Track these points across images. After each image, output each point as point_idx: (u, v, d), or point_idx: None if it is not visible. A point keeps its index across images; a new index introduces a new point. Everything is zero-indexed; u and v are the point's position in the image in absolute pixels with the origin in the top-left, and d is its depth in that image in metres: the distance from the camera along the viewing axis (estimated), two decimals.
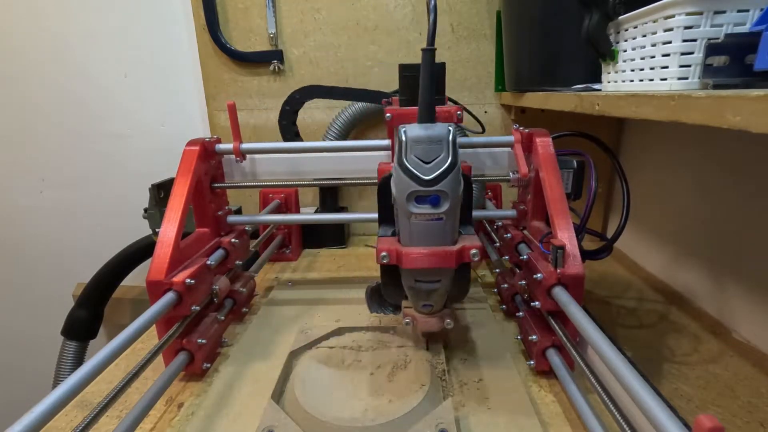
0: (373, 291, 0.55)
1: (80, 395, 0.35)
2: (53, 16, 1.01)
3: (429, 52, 0.42)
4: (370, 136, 0.98)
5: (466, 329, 0.60)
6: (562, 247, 0.46)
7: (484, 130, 0.88)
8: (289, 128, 0.90)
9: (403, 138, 0.41)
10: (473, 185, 0.80)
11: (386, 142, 0.62)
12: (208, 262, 0.55)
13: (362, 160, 0.65)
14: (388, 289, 0.50)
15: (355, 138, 0.98)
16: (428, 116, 0.43)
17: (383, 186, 0.46)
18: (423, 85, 0.43)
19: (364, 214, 0.69)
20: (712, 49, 0.35)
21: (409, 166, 0.41)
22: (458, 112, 0.50)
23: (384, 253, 0.43)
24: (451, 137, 0.41)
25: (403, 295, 0.50)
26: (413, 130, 0.41)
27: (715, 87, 0.35)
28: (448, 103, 0.59)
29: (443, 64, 0.52)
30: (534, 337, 0.49)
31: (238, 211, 0.78)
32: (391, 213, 0.46)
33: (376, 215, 0.65)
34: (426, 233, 0.42)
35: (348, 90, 0.89)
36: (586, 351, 0.44)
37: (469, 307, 0.66)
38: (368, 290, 0.55)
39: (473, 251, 0.43)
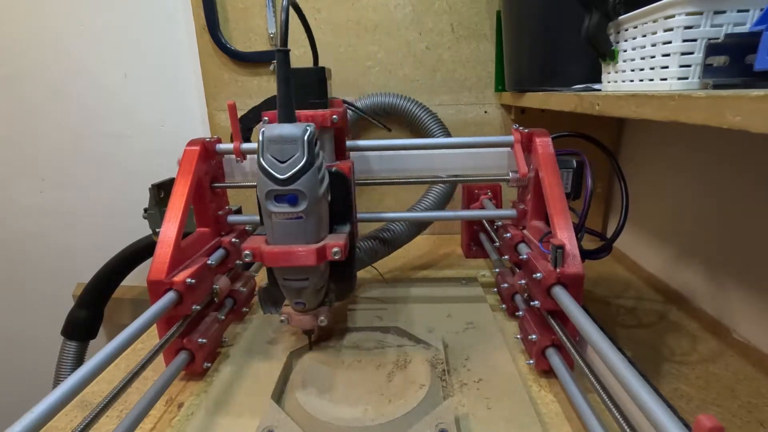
0: (265, 291, 0.56)
1: (80, 395, 0.35)
2: (53, 16, 1.01)
3: (281, 53, 0.43)
4: (370, 137, 0.98)
5: (465, 329, 0.60)
6: (562, 247, 0.46)
7: (389, 130, 0.88)
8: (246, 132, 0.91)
9: (261, 137, 0.42)
10: (444, 184, 0.80)
11: (378, 142, 0.63)
12: (209, 262, 0.55)
13: (361, 160, 0.65)
14: (273, 288, 0.51)
15: (355, 138, 0.98)
16: (286, 116, 0.44)
17: None
18: (278, 85, 0.43)
19: (364, 214, 0.69)
20: (712, 49, 0.35)
21: (265, 165, 0.42)
22: (333, 116, 0.50)
23: (246, 252, 0.44)
24: (306, 137, 0.41)
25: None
26: (270, 130, 0.42)
27: (715, 87, 0.35)
28: (344, 105, 0.59)
29: (322, 69, 0.53)
30: (534, 336, 0.49)
31: (238, 211, 0.77)
32: None
33: (375, 215, 0.66)
34: (286, 232, 0.43)
35: (258, 107, 0.92)
36: (585, 350, 0.44)
37: (469, 307, 0.66)
38: (260, 291, 0.56)
39: (334, 249, 0.44)
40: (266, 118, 0.51)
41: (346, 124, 0.56)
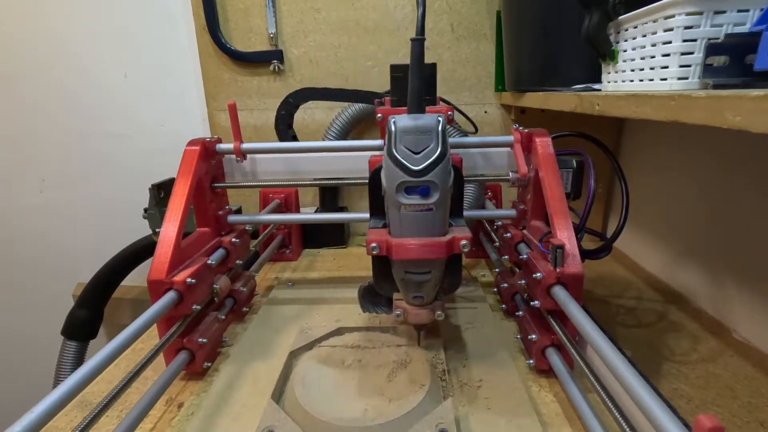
0: (366, 290, 0.56)
1: (80, 395, 0.35)
2: (53, 16, 1.01)
3: (418, 41, 0.42)
4: (370, 137, 0.98)
5: (465, 329, 0.60)
6: (562, 247, 0.46)
7: (476, 131, 0.88)
8: (285, 133, 0.90)
9: (393, 128, 0.41)
10: (471, 184, 0.81)
11: (379, 142, 0.62)
12: (209, 262, 0.55)
13: (362, 159, 0.65)
14: (379, 282, 0.50)
15: (355, 138, 0.98)
16: (417, 106, 0.43)
17: (374, 178, 0.46)
18: (411, 75, 0.42)
19: (364, 213, 0.69)
20: (712, 49, 0.35)
21: (398, 156, 0.41)
22: (449, 113, 0.50)
23: (374, 244, 0.43)
24: (440, 128, 0.41)
25: (394, 288, 0.50)
26: (402, 121, 0.41)
27: (715, 87, 0.35)
28: (441, 103, 0.59)
29: (434, 65, 0.52)
30: (533, 336, 0.49)
31: (238, 211, 0.78)
32: (382, 205, 0.46)
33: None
34: (416, 224, 0.42)
35: (340, 91, 0.89)
36: (585, 350, 0.44)
37: (468, 307, 0.66)
38: (361, 289, 0.55)
39: (463, 242, 0.43)
40: (380, 115, 0.51)
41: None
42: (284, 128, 0.90)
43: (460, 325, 0.61)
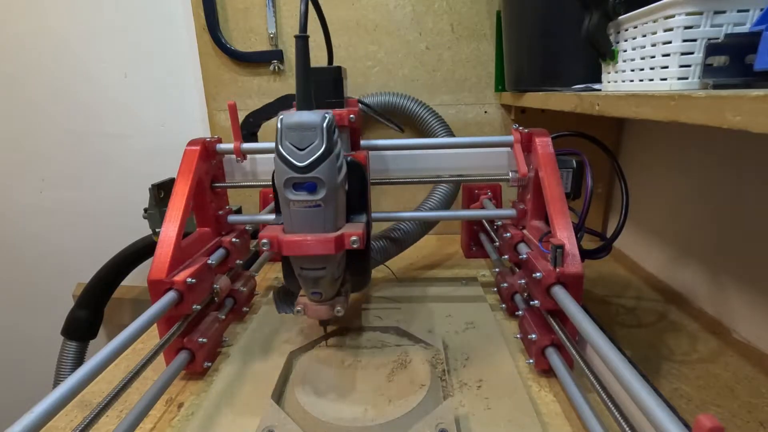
0: (280, 291, 0.56)
1: (80, 395, 0.35)
2: (53, 16, 1.01)
3: (301, 39, 0.42)
4: (369, 136, 0.98)
5: (465, 329, 0.60)
6: (561, 247, 0.46)
7: (402, 131, 0.87)
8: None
9: (279, 125, 0.42)
10: (445, 183, 0.80)
11: (379, 142, 0.63)
12: (209, 262, 0.55)
13: None
14: (287, 279, 0.50)
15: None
16: (305, 104, 0.43)
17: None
18: (297, 72, 0.43)
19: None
20: (712, 49, 0.35)
21: (283, 152, 0.41)
22: (351, 116, 0.50)
23: (265, 240, 0.43)
24: (325, 124, 0.41)
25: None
26: (288, 117, 0.42)
27: (715, 87, 0.35)
28: (360, 105, 0.59)
29: (339, 68, 0.53)
30: (533, 335, 0.49)
31: (239, 211, 0.78)
32: None
33: (376, 214, 0.66)
34: (305, 220, 0.43)
35: (269, 105, 0.92)
36: (585, 350, 0.44)
37: (468, 306, 0.66)
38: (275, 291, 0.56)
39: (353, 238, 0.43)
40: (281, 116, 0.51)
41: (361, 124, 0.55)
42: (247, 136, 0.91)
43: (460, 326, 0.61)
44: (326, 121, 0.41)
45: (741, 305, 0.59)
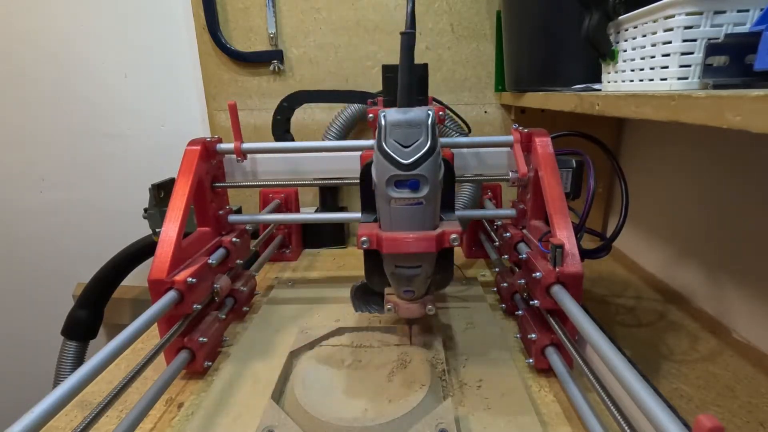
0: (358, 289, 0.56)
1: (80, 395, 0.35)
2: (53, 16, 1.01)
3: (407, 35, 0.42)
4: (370, 136, 0.98)
5: (465, 329, 0.60)
6: (561, 246, 0.46)
7: (470, 131, 0.88)
8: (283, 137, 0.91)
9: (383, 122, 0.41)
10: (470, 183, 0.81)
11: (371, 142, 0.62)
12: (210, 261, 0.55)
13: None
14: (370, 277, 0.50)
15: (355, 138, 0.98)
16: (407, 100, 0.43)
17: (365, 173, 0.46)
18: (401, 69, 0.42)
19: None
20: (712, 49, 0.35)
21: (388, 149, 0.41)
22: (440, 112, 0.50)
23: (364, 238, 0.43)
24: (430, 121, 0.41)
25: (385, 283, 0.50)
26: (392, 115, 0.41)
27: (715, 87, 0.35)
28: (433, 103, 0.59)
29: (426, 66, 0.52)
30: (533, 335, 0.49)
31: (239, 211, 0.78)
32: (374, 200, 0.46)
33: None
34: (406, 218, 0.42)
35: (334, 92, 0.89)
36: (584, 349, 0.44)
37: (468, 307, 0.66)
38: (353, 289, 0.55)
39: (453, 236, 0.43)
40: (371, 115, 0.51)
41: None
42: (281, 132, 0.90)
43: (460, 325, 0.61)
44: (430, 118, 0.41)
45: (741, 305, 0.59)
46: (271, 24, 0.93)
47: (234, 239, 0.63)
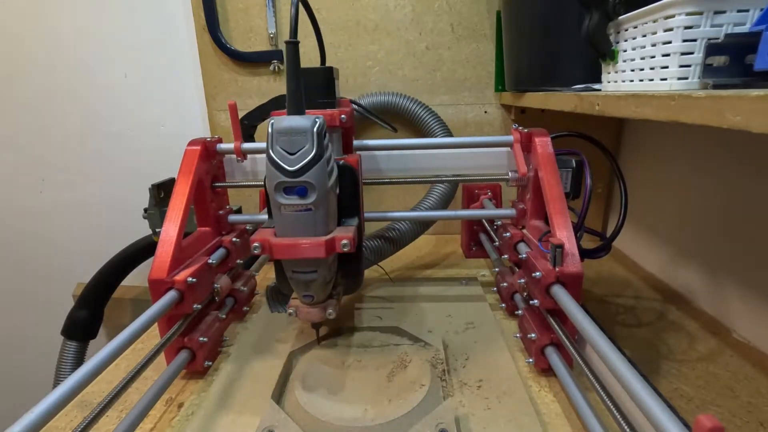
0: (272, 290, 0.56)
1: (80, 395, 0.35)
2: (53, 16, 1.01)
3: (291, 45, 0.42)
4: (371, 136, 0.98)
5: (465, 328, 0.60)
6: (561, 246, 0.46)
7: (395, 130, 0.86)
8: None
9: (270, 129, 0.42)
10: (443, 183, 0.80)
11: (380, 142, 0.64)
12: (210, 261, 0.55)
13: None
14: (280, 281, 0.51)
15: (355, 138, 0.98)
16: (295, 108, 0.43)
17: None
18: (288, 77, 0.43)
19: (364, 213, 0.69)
20: (712, 49, 0.35)
21: (274, 157, 0.41)
22: (342, 116, 0.51)
23: (255, 244, 0.44)
24: (316, 128, 0.41)
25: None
26: (279, 122, 0.42)
27: (715, 87, 0.35)
28: (353, 106, 0.59)
29: (330, 69, 0.53)
30: (533, 335, 0.49)
31: (239, 211, 0.78)
32: None
33: (375, 214, 0.66)
34: (295, 224, 0.43)
35: (267, 103, 0.89)
36: (584, 349, 0.44)
37: (468, 306, 0.66)
38: (268, 289, 0.56)
39: (344, 241, 0.43)
40: (274, 116, 0.51)
41: (354, 124, 0.55)
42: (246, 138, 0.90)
43: (460, 325, 0.61)
44: (317, 125, 0.42)
45: (740, 305, 0.59)
46: (271, 24, 0.93)
47: (234, 239, 0.63)
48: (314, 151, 0.41)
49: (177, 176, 0.56)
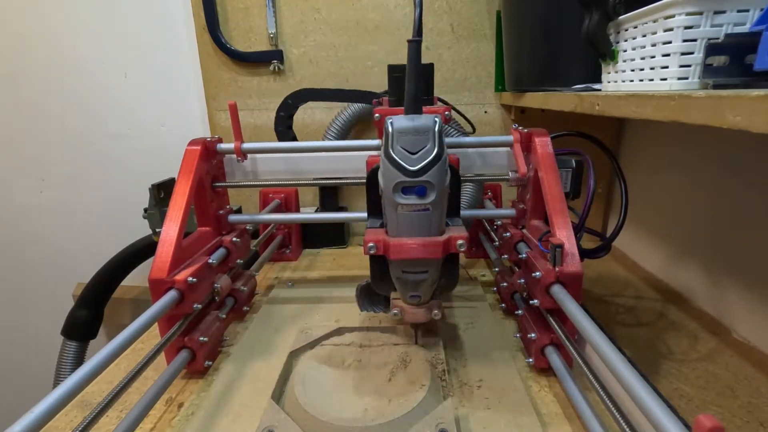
0: (363, 289, 0.56)
1: (80, 395, 0.35)
2: (53, 16, 1.01)
3: (415, 43, 0.42)
4: (369, 136, 0.98)
5: (465, 328, 0.60)
6: (561, 246, 0.46)
7: (474, 131, 0.88)
8: (285, 134, 0.90)
9: (390, 129, 0.41)
10: (470, 183, 0.81)
11: (376, 142, 0.63)
12: (210, 261, 0.55)
13: (362, 159, 0.65)
14: (377, 281, 0.50)
15: (355, 137, 0.98)
16: (414, 107, 0.43)
17: (371, 178, 0.47)
18: (408, 76, 0.43)
19: (364, 213, 0.69)
20: (712, 49, 0.35)
21: (395, 156, 0.41)
22: (446, 112, 0.50)
23: (371, 244, 0.43)
24: (437, 128, 0.41)
25: (392, 287, 0.50)
26: (399, 121, 0.41)
27: (715, 87, 0.35)
28: (438, 103, 0.59)
29: (431, 65, 0.52)
30: (533, 334, 0.49)
31: (239, 211, 0.78)
32: (380, 205, 0.46)
33: None
34: (412, 224, 0.43)
35: (339, 91, 0.89)
36: (584, 349, 0.44)
37: (468, 306, 0.66)
38: (358, 288, 0.56)
39: (459, 242, 0.43)
40: (377, 115, 0.51)
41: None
42: (284, 129, 0.90)
43: (460, 325, 0.61)
44: (437, 125, 0.41)
45: (741, 305, 0.59)
46: (271, 24, 0.93)
47: (234, 239, 0.63)
48: (435, 150, 0.41)
49: (177, 176, 0.56)
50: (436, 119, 0.42)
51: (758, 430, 0.43)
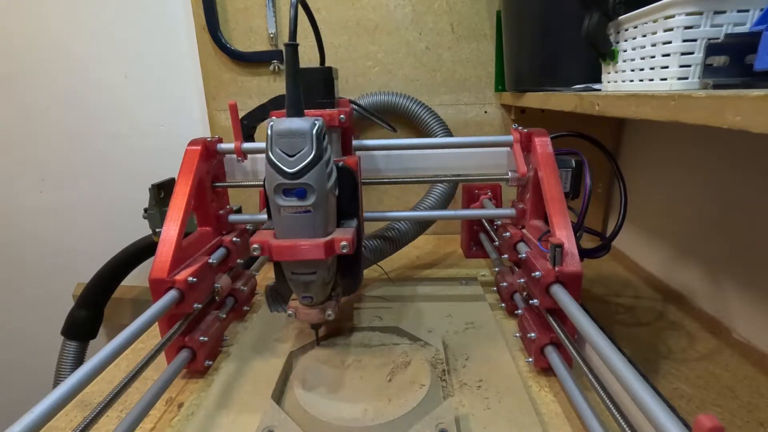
0: (272, 289, 0.56)
1: (80, 395, 0.35)
2: (53, 17, 1.01)
3: (290, 47, 0.43)
4: (370, 136, 0.98)
5: (465, 328, 0.60)
6: (561, 246, 0.46)
7: (394, 131, 0.86)
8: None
9: (269, 132, 0.42)
10: (443, 183, 0.80)
11: (380, 142, 0.64)
12: (210, 261, 0.55)
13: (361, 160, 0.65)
14: (279, 282, 0.51)
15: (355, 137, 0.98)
16: (294, 110, 0.44)
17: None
18: (287, 78, 0.44)
19: (365, 212, 0.69)
20: (712, 49, 0.35)
21: (274, 159, 0.42)
22: (341, 116, 0.51)
23: (255, 245, 0.44)
24: (315, 131, 0.42)
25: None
26: (278, 124, 0.42)
27: (715, 87, 0.35)
28: (352, 106, 0.59)
29: (329, 69, 0.53)
30: (533, 334, 0.49)
31: (239, 211, 0.78)
32: None
33: (376, 214, 0.66)
34: (295, 225, 0.43)
35: (271, 102, 0.90)
36: (584, 348, 0.45)
37: (468, 306, 0.66)
38: (267, 288, 0.56)
39: (342, 243, 0.44)
40: (274, 117, 0.51)
41: (353, 124, 0.55)
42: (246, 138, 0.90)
43: (460, 325, 0.61)
44: (316, 127, 0.42)
45: (740, 305, 0.59)
46: (271, 24, 0.93)
47: (234, 239, 0.63)
48: (313, 153, 0.41)
49: (177, 176, 0.56)
50: (317, 122, 0.42)
51: (758, 430, 0.43)
